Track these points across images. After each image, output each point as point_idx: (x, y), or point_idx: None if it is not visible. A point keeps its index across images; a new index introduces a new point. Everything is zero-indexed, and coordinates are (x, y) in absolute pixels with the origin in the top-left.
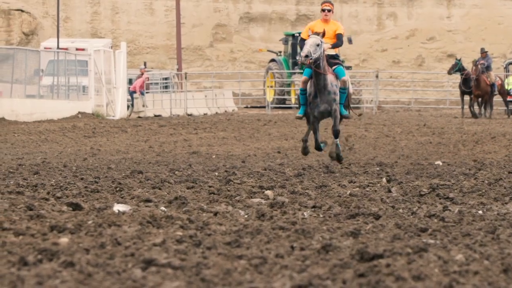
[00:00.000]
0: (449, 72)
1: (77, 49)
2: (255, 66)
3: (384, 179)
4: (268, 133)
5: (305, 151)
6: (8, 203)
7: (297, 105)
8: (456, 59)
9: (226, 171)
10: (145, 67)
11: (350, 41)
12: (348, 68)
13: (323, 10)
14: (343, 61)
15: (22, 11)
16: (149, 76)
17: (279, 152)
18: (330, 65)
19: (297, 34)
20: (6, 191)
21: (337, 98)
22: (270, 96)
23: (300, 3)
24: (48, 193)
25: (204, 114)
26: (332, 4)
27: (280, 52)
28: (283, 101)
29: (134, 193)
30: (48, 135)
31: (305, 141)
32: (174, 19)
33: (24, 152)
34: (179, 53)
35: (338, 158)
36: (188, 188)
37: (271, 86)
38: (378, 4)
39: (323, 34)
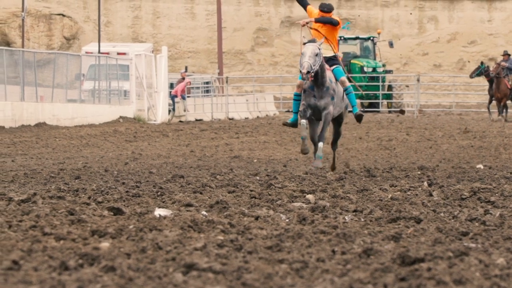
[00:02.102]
0: (471, 76)
1: (118, 54)
2: (296, 70)
3: (425, 183)
4: None
5: (305, 150)
6: (49, 207)
7: None
8: (481, 62)
9: (267, 175)
10: (186, 71)
11: (391, 44)
12: (389, 72)
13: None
14: (383, 66)
15: (63, 15)
16: (190, 81)
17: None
18: (329, 66)
19: (338, 38)
20: (47, 196)
21: (336, 97)
22: None
23: (341, 6)
24: (89, 197)
25: (246, 118)
26: (330, 12)
27: None
28: None
29: (175, 198)
30: (89, 140)
31: (304, 139)
32: (215, 23)
33: (65, 156)
34: (220, 57)
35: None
36: (229, 192)
37: None
38: (419, 7)
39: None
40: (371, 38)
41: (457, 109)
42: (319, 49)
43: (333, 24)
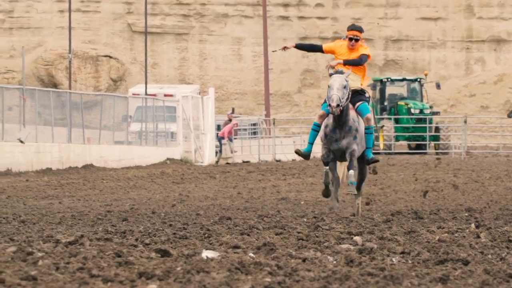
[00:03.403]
0: (509, 115)
1: (165, 95)
2: None
3: (472, 225)
4: None
5: (327, 194)
6: (97, 249)
7: (386, 150)
8: None
9: (314, 217)
10: (233, 113)
11: (438, 86)
12: (436, 113)
13: (349, 39)
14: (430, 108)
15: (110, 57)
16: (237, 122)
17: (367, 198)
18: (354, 102)
19: (385, 80)
20: (94, 238)
21: (359, 136)
22: None
23: (388, 48)
24: (136, 239)
25: (293, 160)
26: (361, 32)
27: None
28: None
29: (222, 240)
30: (136, 182)
31: (326, 185)
32: (262, 65)
33: (113, 198)
34: (267, 98)
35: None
36: (276, 234)
37: None
38: (466, 49)
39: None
40: (418, 80)
41: (504, 151)
42: (347, 81)
43: (362, 64)
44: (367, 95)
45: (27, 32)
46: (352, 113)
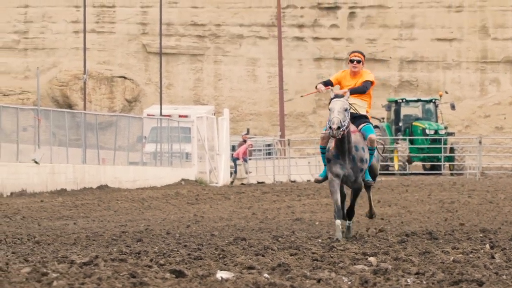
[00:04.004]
0: None
1: (180, 116)
2: None
3: (487, 246)
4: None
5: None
6: (111, 270)
7: (400, 171)
8: None
9: (329, 237)
10: (248, 134)
11: (453, 107)
12: (451, 134)
13: (351, 61)
14: (445, 129)
15: (125, 78)
16: (252, 143)
17: (382, 219)
18: (358, 124)
19: (400, 100)
20: (109, 259)
21: (365, 166)
22: None
23: (402, 69)
24: (151, 260)
25: (307, 180)
26: (363, 55)
27: (383, 118)
28: (386, 167)
29: (237, 260)
30: (151, 202)
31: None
32: (277, 86)
33: (127, 219)
34: (282, 119)
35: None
36: (291, 255)
37: None
38: (481, 70)
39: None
40: (433, 100)
41: None
42: (349, 105)
43: (366, 91)
44: (371, 122)
45: (42, 53)
46: (355, 138)
